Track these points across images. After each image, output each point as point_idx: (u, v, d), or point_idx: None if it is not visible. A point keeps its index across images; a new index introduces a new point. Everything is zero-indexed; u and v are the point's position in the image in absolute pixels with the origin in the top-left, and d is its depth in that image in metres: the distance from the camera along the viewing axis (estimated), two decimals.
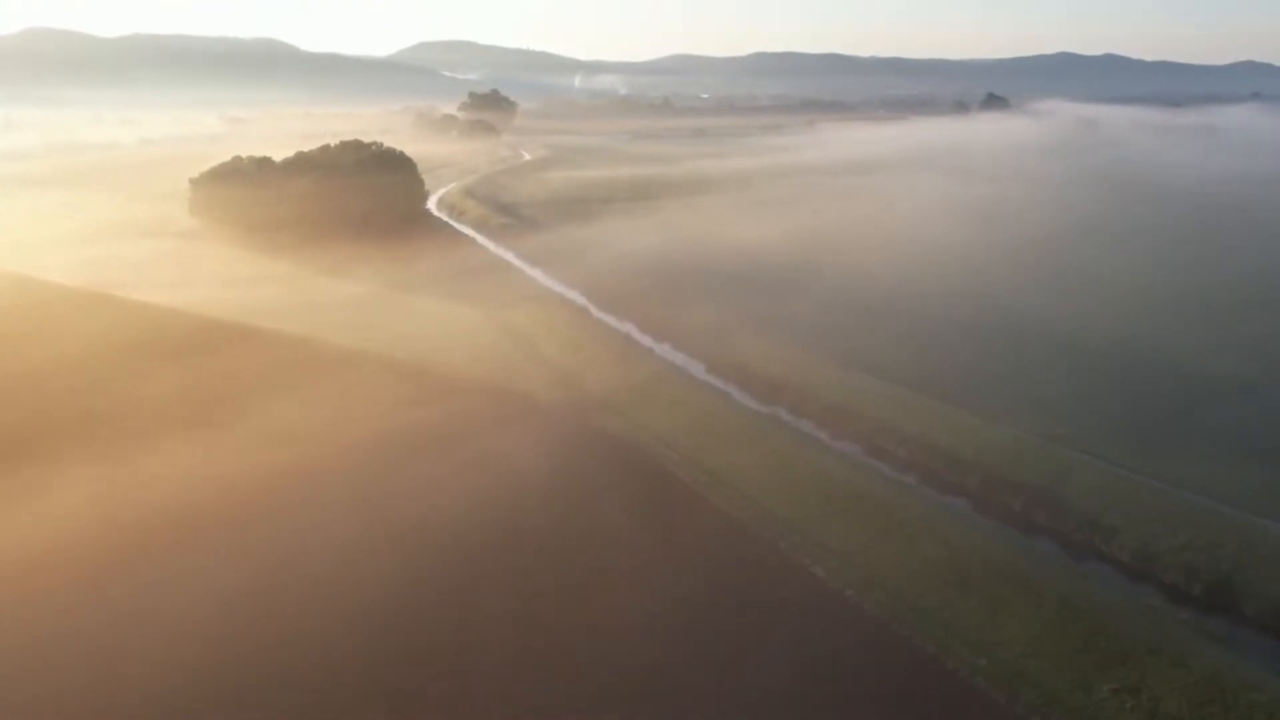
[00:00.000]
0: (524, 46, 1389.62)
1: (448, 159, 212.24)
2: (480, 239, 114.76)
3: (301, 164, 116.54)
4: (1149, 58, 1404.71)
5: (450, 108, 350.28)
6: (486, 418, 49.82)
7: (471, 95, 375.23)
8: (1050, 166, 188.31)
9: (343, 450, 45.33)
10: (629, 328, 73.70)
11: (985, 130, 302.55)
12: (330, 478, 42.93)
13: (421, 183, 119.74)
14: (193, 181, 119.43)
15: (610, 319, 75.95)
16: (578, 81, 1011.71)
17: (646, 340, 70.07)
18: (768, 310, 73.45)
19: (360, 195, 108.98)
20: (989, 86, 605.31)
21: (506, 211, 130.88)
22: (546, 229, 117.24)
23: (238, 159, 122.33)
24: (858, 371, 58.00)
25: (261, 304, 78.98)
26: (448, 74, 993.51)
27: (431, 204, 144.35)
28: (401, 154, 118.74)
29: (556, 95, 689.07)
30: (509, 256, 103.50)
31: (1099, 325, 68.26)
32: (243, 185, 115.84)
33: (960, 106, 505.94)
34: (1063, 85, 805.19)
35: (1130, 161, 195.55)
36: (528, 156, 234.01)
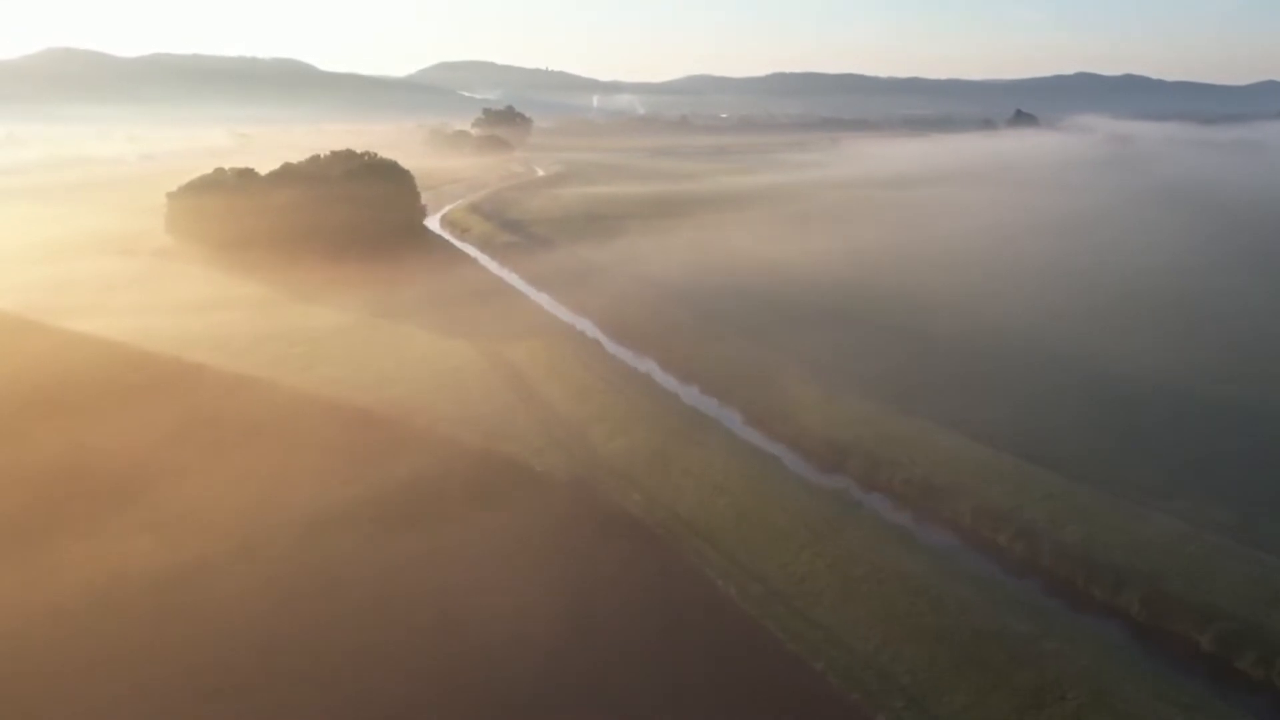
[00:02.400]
0: (542, 67, 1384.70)
1: (456, 175, 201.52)
2: (482, 259, 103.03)
3: (286, 176, 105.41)
4: (1169, 78, 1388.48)
5: (465, 125, 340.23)
6: (461, 503, 37.48)
7: (485, 111, 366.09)
8: (1114, 179, 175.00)
9: (237, 596, 30.71)
10: (649, 366, 61.52)
11: (1025, 145, 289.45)
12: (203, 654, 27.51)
13: (417, 195, 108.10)
14: (170, 196, 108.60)
15: (627, 355, 63.79)
16: (595, 101, 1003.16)
17: (670, 382, 57.82)
18: (820, 346, 60.93)
19: (348, 209, 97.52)
20: (1008, 106, 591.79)
21: (513, 229, 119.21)
22: (557, 248, 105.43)
23: (220, 171, 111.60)
24: (946, 430, 45.44)
25: (219, 334, 67.45)
26: (465, 94, 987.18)
27: (434, 221, 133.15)
28: (394, 164, 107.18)
29: (574, 114, 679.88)
30: (513, 279, 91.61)
31: (1269, 374, 54.71)
32: (222, 199, 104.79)
33: (987, 123, 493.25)
34: (1083, 105, 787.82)
35: (1200, 178, 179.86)
36: (541, 172, 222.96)
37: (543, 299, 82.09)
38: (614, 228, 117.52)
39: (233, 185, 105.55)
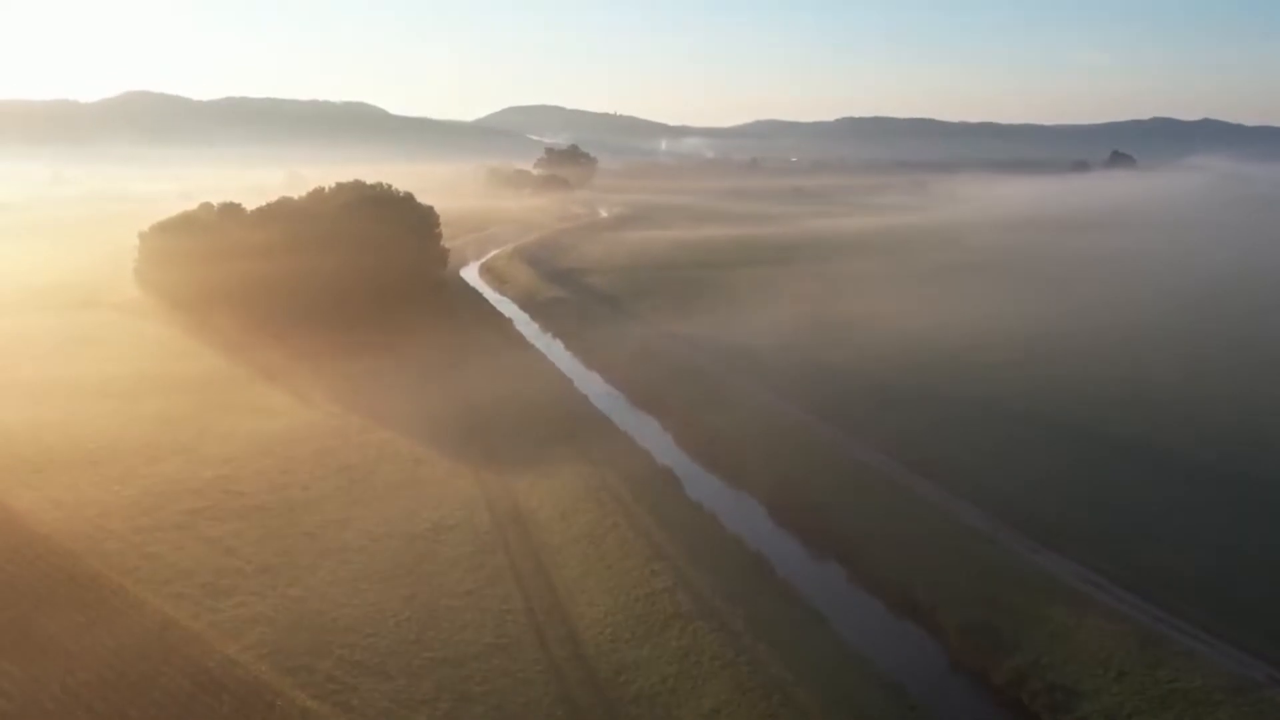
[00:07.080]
0: (610, 111, 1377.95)
1: (510, 215, 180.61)
2: (520, 321, 79.53)
3: (278, 213, 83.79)
4: (1248, 122, 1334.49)
5: (528, 166, 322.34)
6: None
7: (548, 151, 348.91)
8: None
9: None
10: (758, 523, 36.94)
11: (1152, 186, 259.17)
12: None
13: (438, 236, 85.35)
14: (142, 236, 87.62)
15: (721, 499, 39.15)
16: (663, 144, 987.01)
17: (802, 567, 33.04)
18: (1067, 501, 35.11)
19: (347, 254, 75.00)
20: (1087, 150, 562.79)
21: (564, 281, 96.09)
22: (616, 307, 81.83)
23: (205, 206, 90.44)
24: None
25: (107, 440, 44.94)
26: (534, 137, 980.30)
27: (472, 270, 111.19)
28: (408, 198, 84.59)
29: (641, 157, 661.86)
30: (554, 352, 67.92)
31: None
32: (200, 241, 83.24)
33: (1080, 165, 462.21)
34: (1164, 149, 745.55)
35: None
36: (604, 214, 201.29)
37: (591, 384, 58.15)
38: (689, 281, 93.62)
39: (212, 224, 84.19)
